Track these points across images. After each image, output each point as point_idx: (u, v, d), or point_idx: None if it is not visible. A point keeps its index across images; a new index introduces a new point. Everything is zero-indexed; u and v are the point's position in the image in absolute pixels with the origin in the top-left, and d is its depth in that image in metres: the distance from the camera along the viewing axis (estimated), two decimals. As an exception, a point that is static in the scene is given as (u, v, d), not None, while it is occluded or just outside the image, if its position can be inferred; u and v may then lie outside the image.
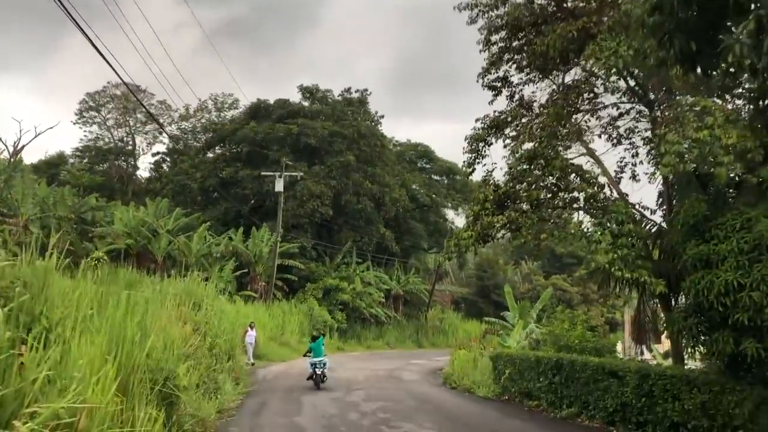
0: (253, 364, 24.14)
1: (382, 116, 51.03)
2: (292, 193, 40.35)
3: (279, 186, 34.65)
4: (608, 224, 11.41)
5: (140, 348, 8.10)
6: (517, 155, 12.33)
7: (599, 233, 11.38)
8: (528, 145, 13.45)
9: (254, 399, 14.76)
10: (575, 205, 12.82)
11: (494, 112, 14.42)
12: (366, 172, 43.73)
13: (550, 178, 12.32)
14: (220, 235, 40.01)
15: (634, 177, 13.89)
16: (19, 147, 54.60)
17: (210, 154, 48.07)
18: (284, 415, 12.44)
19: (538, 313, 24.09)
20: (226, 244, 38.39)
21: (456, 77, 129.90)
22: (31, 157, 75.96)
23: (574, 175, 12.31)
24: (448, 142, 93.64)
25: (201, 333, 16.74)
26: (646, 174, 13.27)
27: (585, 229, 12.74)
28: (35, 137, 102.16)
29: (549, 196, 12.57)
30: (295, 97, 49.51)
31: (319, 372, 18.12)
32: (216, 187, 44.41)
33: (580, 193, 12.36)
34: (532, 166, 12.03)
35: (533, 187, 12.31)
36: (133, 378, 7.52)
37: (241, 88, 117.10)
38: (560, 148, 12.47)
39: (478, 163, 14.78)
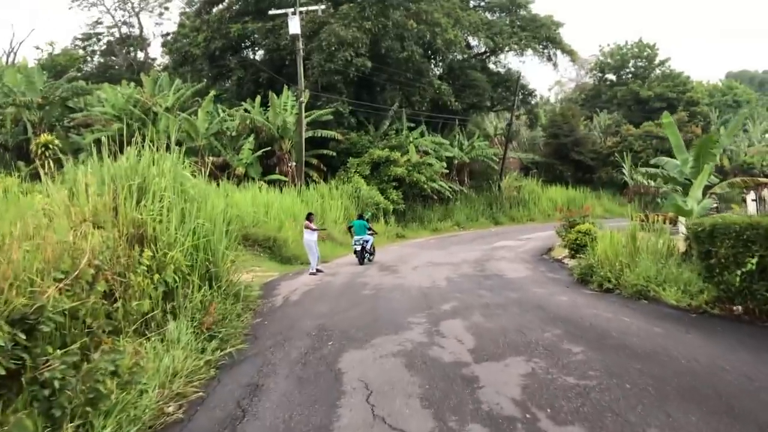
0: (317, 272, 16.43)
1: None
2: (317, 44, 31.12)
3: (294, 27, 25.37)
4: None
5: None
6: None
7: None
8: None
9: (230, 385, 6.67)
10: None
11: None
12: (408, 9, 33.75)
13: None
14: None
15: None
16: (16, 46, 46.57)
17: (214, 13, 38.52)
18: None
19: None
20: (242, 118, 30.12)
21: None
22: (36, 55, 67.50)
23: None
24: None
25: (147, 241, 8.97)
26: None
27: None
28: (29, 34, 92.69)
29: None
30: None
31: (358, 248, 18.16)
32: (223, 48, 35.42)
33: None
34: None
35: None
36: None
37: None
38: None
39: None
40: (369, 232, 18.85)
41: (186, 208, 10.05)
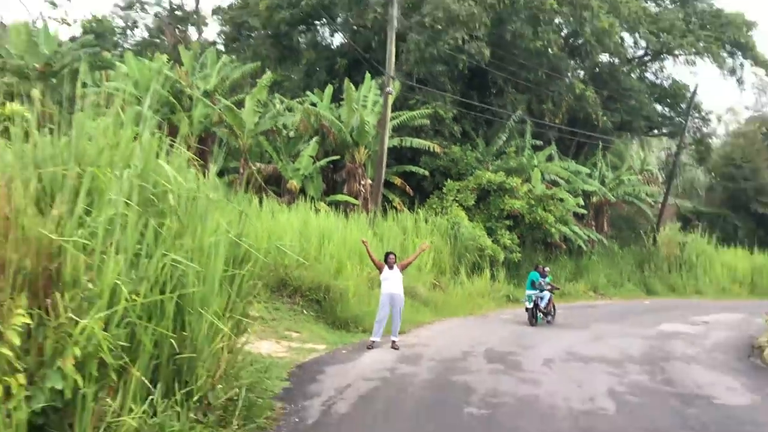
0: (393, 345, 13.25)
1: None
2: (417, 20, 27.77)
3: (388, -15, 22.05)
4: None
5: None
6: None
7: None
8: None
9: None
10: None
11: None
12: (548, -16, 29.89)
13: None
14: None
15: None
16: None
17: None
18: None
19: None
20: (304, 113, 26.80)
21: None
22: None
23: None
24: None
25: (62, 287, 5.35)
26: None
27: None
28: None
29: None
30: None
31: (530, 305, 18.43)
32: (291, 22, 32.73)
33: None
34: None
35: None
36: None
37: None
38: None
39: None
40: (548, 287, 19.02)
41: (151, 228, 6.43)
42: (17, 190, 5.82)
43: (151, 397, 5.61)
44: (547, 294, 18.81)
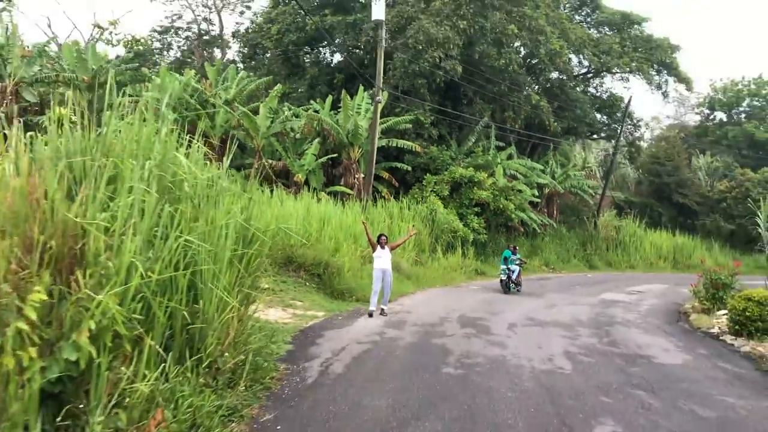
0: (382, 312, 12.66)
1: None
2: (402, 41, 27.04)
3: (378, 11, 21.20)
4: None
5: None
6: None
7: None
8: None
9: None
10: None
11: None
12: (510, 13, 29.17)
13: None
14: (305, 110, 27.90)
15: None
16: (96, 34, 44.60)
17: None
18: None
19: None
20: (308, 118, 26.15)
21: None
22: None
23: None
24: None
25: (85, 265, 4.72)
26: None
27: None
28: (112, 23, 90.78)
29: None
30: None
31: (504, 277, 18.36)
32: (298, 43, 31.83)
33: None
34: None
35: None
36: None
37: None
38: None
39: None
40: (517, 262, 18.96)
41: (166, 213, 5.84)
42: (47, 177, 5.24)
43: (163, 364, 5.06)
44: (516, 268, 18.77)
